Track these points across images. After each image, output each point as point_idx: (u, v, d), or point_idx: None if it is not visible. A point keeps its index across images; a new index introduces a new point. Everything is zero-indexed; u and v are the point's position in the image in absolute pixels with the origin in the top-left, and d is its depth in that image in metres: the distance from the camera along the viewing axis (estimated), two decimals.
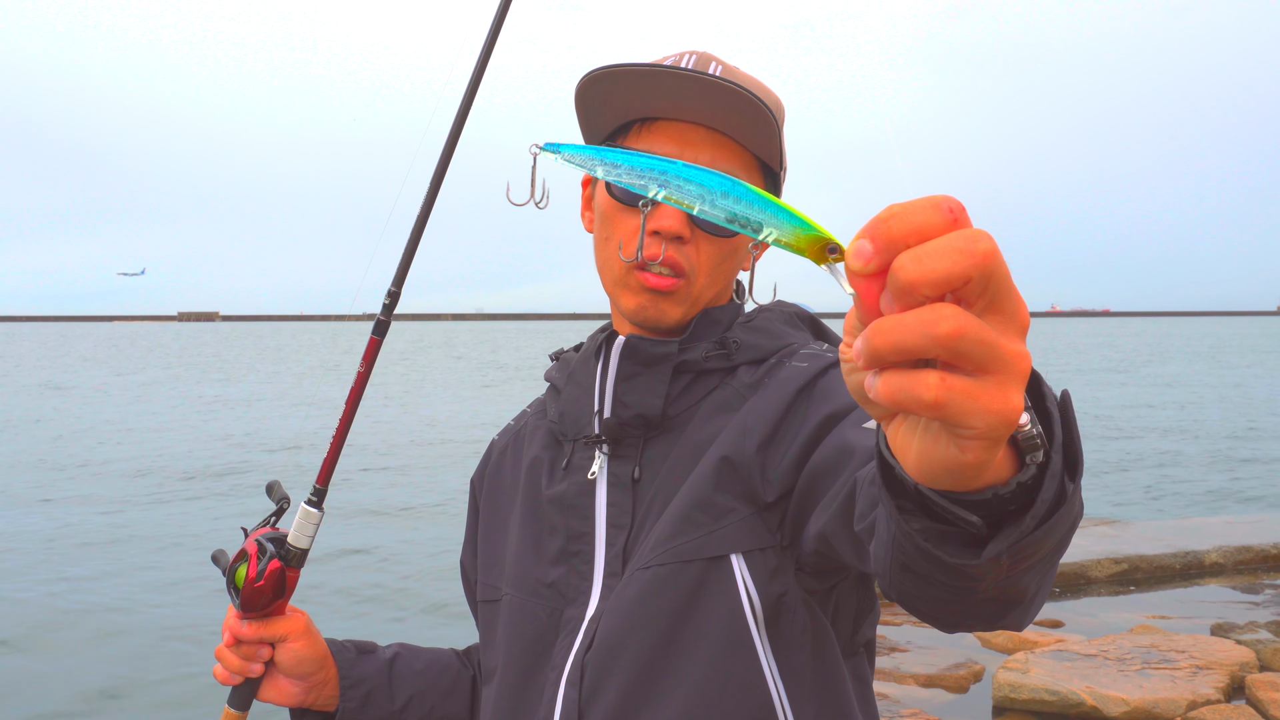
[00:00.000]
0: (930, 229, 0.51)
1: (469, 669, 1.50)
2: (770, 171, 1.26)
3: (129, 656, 6.31)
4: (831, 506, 1.02)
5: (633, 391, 1.22)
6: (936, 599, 0.75)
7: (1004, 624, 0.79)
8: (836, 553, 1.05)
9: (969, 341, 0.50)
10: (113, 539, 9.39)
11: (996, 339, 0.51)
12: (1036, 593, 0.76)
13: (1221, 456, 15.17)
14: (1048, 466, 0.62)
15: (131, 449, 15.64)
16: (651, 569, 1.15)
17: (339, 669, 1.38)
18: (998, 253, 0.50)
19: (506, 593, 1.29)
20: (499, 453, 1.43)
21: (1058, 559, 0.73)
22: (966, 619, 0.78)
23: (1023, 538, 0.63)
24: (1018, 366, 0.52)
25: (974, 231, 0.51)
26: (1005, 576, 0.67)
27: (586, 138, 1.31)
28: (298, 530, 1.33)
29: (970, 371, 0.51)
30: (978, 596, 0.72)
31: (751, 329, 1.27)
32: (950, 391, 0.50)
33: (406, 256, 1.38)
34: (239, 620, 1.32)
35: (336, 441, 1.37)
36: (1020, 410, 0.52)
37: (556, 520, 1.26)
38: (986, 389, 0.51)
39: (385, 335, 1.37)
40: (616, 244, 1.23)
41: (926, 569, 0.70)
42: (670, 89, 1.18)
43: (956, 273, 0.50)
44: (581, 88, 1.23)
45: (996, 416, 0.51)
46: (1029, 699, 4.51)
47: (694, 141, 1.20)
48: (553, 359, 1.40)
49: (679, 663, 1.13)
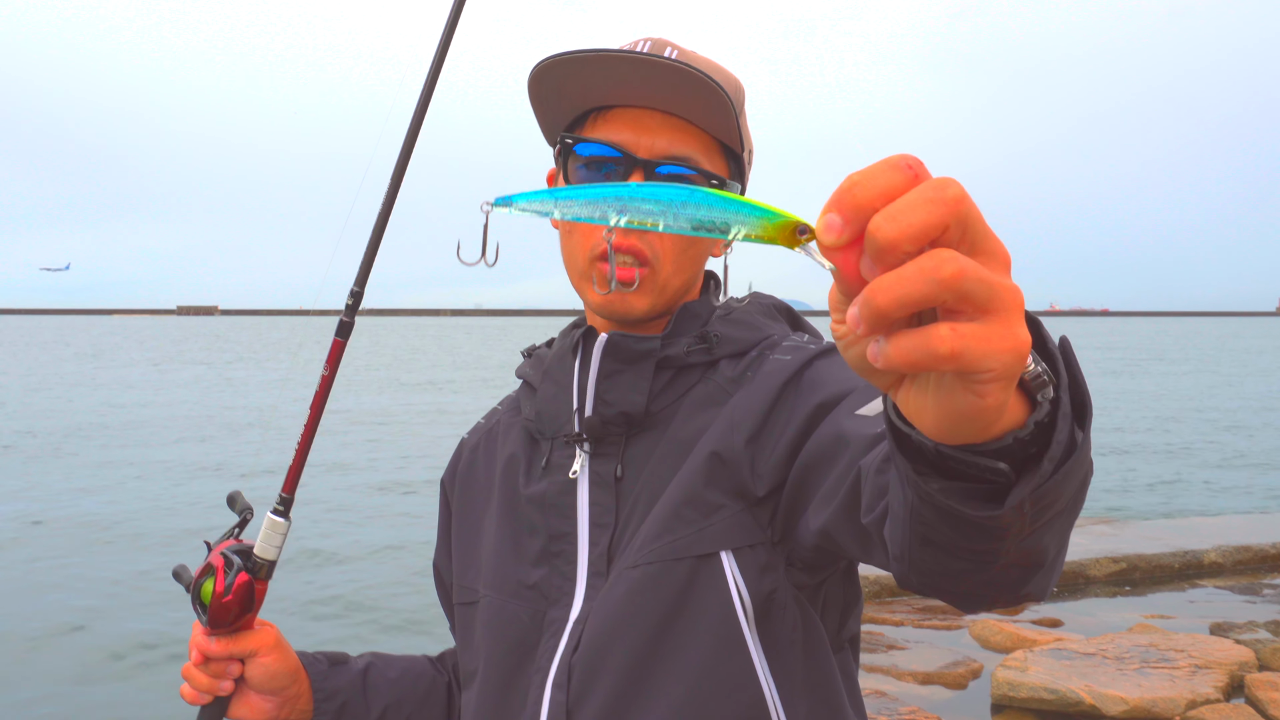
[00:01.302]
0: (894, 189, 0.51)
1: (443, 675, 1.48)
2: (732, 153, 1.24)
3: (82, 669, 6.05)
4: (834, 501, 1.01)
5: (615, 389, 1.20)
6: (959, 572, 0.75)
7: (1027, 592, 0.79)
8: (840, 547, 1.04)
9: (971, 281, 0.50)
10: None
11: (994, 276, 0.51)
12: (1056, 555, 0.76)
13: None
14: (1059, 406, 0.62)
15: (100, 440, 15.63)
16: (640, 568, 1.14)
17: (311, 681, 1.35)
18: (968, 196, 0.51)
19: (484, 594, 1.27)
20: (469, 451, 1.40)
21: (1073, 517, 0.74)
22: (990, 590, 0.78)
23: (1043, 482, 0.63)
24: (1016, 300, 0.52)
25: (940, 180, 0.51)
26: (1026, 532, 0.68)
27: (544, 130, 1.28)
28: (264, 541, 1.30)
29: (973, 314, 0.51)
30: (999, 563, 0.72)
31: (731, 322, 1.25)
32: (963, 338, 0.50)
33: (369, 254, 1.35)
34: (206, 637, 1.28)
35: (302, 448, 1.33)
36: (1029, 342, 0.53)
37: (536, 520, 1.23)
38: (995, 328, 0.51)
39: (349, 337, 1.34)
40: (579, 236, 1.21)
41: (948, 536, 0.71)
42: (624, 75, 1.16)
43: (933, 222, 0.50)
44: (534, 78, 1.19)
45: (1011, 354, 0.52)
46: (1027, 697, 4.50)
47: (650, 127, 1.18)
48: (525, 355, 1.38)
49: (669, 662, 1.12)
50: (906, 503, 0.73)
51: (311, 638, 6.50)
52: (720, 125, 1.19)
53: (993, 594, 0.79)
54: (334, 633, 6.79)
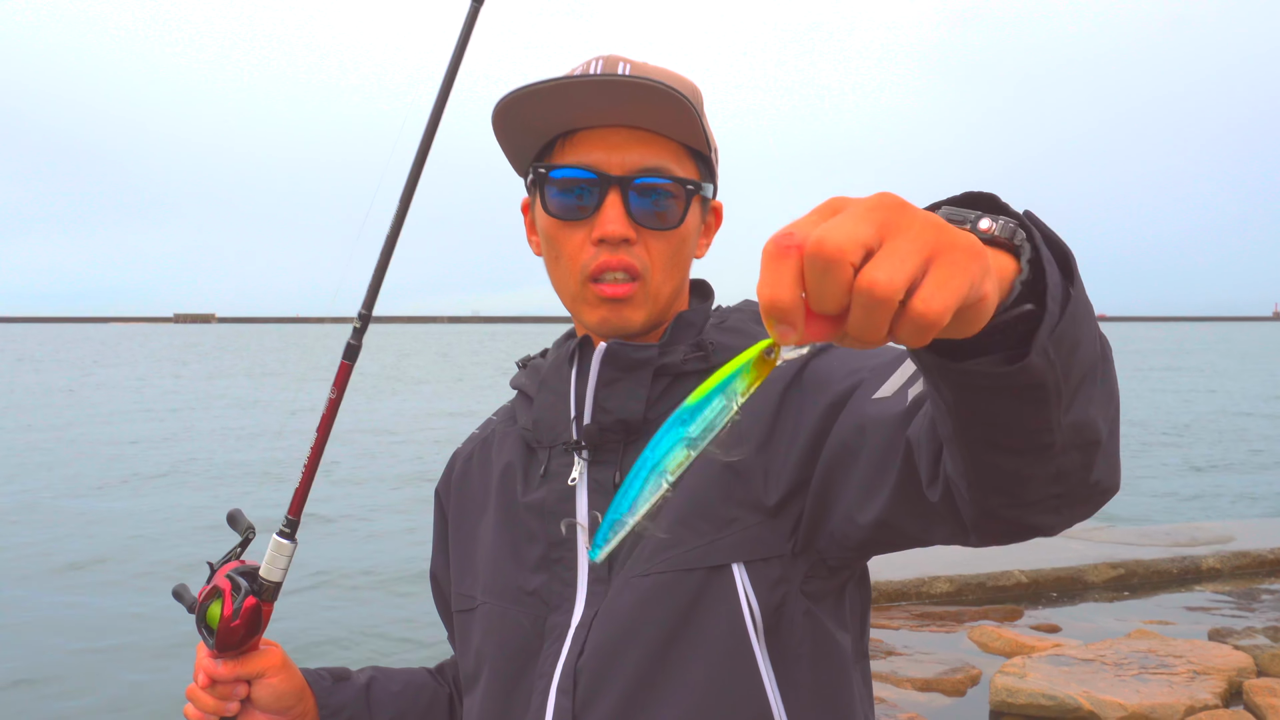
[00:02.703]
0: (793, 278, 0.60)
1: (445, 686, 1.49)
2: (700, 155, 1.25)
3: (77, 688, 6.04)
4: (885, 486, 1.01)
5: (614, 397, 1.21)
6: (1027, 474, 0.81)
7: (1096, 480, 0.84)
8: (897, 533, 1.04)
9: (892, 281, 0.59)
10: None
11: (904, 257, 0.60)
12: (1109, 434, 0.83)
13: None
14: (1041, 256, 0.71)
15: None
16: (651, 576, 1.14)
17: (317, 698, 1.36)
18: (823, 241, 0.58)
19: (482, 601, 1.27)
20: (464, 461, 1.41)
21: (1109, 390, 0.82)
22: (1062, 485, 0.83)
23: (1055, 323, 0.71)
24: (929, 245, 0.61)
25: (810, 247, 0.59)
26: (1066, 395, 0.75)
27: (513, 162, 1.29)
28: (269, 563, 1.30)
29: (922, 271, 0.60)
30: (1056, 443, 0.79)
31: (725, 330, 1.26)
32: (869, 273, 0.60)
33: (376, 278, 1.36)
34: (213, 659, 1.29)
35: (309, 470, 1.33)
36: (965, 241, 0.62)
37: (535, 527, 1.24)
38: (939, 270, 0.60)
39: (356, 360, 1.35)
40: (566, 261, 1.22)
41: (1001, 423, 0.78)
42: (584, 98, 1.17)
43: (832, 290, 0.59)
44: (497, 116, 1.21)
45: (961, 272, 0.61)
46: (1026, 703, 4.50)
47: (618, 144, 1.19)
48: (520, 366, 1.38)
49: (677, 671, 1.12)
50: (957, 418, 0.80)
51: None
52: (686, 131, 1.20)
53: (1065, 489, 0.84)
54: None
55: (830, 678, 1.16)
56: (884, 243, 0.60)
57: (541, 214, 1.24)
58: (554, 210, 1.21)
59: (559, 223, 1.21)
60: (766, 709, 1.12)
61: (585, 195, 1.19)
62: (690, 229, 1.24)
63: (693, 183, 1.22)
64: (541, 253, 1.28)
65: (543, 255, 1.28)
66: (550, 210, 1.22)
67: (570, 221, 1.21)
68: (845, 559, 1.15)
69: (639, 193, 1.19)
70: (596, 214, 1.18)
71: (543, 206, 1.23)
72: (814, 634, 1.15)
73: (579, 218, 1.20)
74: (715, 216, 1.32)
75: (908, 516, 1.01)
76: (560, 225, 1.21)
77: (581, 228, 1.20)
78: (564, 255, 1.22)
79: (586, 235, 1.20)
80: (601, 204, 1.18)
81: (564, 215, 1.21)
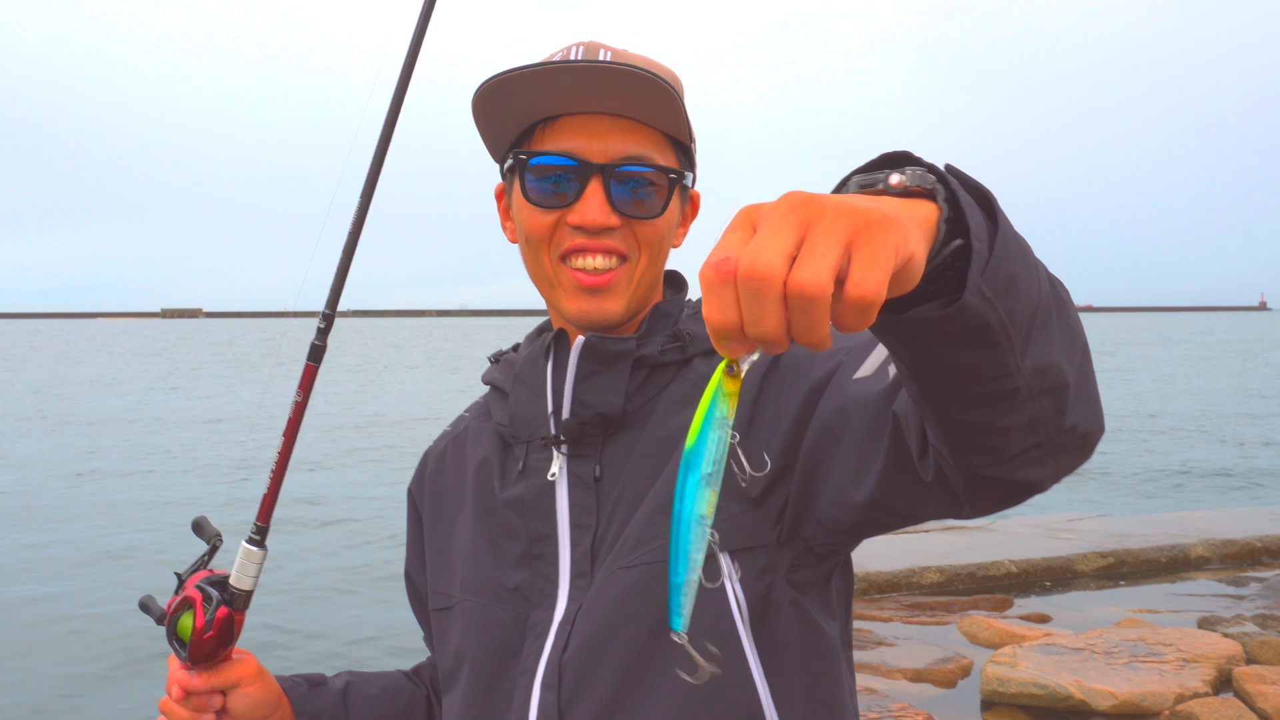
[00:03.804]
0: (735, 302, 0.63)
1: (422, 688, 1.47)
2: (681, 145, 1.24)
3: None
4: (875, 464, 1.01)
5: (593, 390, 1.20)
6: (1000, 426, 0.82)
7: (1073, 424, 0.84)
8: (890, 511, 1.04)
9: (818, 279, 0.62)
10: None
11: (824, 251, 0.63)
12: (1079, 378, 0.84)
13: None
14: (959, 200, 0.73)
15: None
16: (636, 568, 1.13)
17: (293, 705, 1.34)
18: (752, 264, 0.62)
19: (461, 599, 1.26)
20: (437, 458, 1.39)
21: (1067, 331, 0.82)
22: (1038, 434, 0.83)
23: (984, 262, 0.73)
24: (845, 230, 0.63)
25: (741, 271, 0.62)
26: (1018, 338, 0.76)
27: (491, 149, 1.28)
28: (240, 571, 1.29)
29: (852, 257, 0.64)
30: (1021, 390, 0.80)
31: (701, 320, 1.24)
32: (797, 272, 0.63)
33: (339, 278, 1.33)
34: (187, 672, 1.27)
35: (277, 475, 1.31)
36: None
37: (515, 523, 1.23)
38: (862, 250, 0.63)
39: (321, 361, 1.33)
40: (540, 244, 1.20)
41: (959, 373, 0.79)
42: (566, 84, 1.16)
43: (771, 301, 0.63)
44: (477, 101, 1.19)
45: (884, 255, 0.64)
46: (1017, 693, 4.51)
47: (599, 132, 1.18)
48: (492, 361, 1.37)
49: (665, 663, 1.10)
50: (919, 376, 0.81)
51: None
52: (668, 119, 1.19)
53: (1043, 439, 0.84)
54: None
55: (818, 667, 1.15)
56: (803, 242, 0.63)
57: (519, 200, 1.22)
58: (533, 197, 1.20)
59: (537, 209, 1.20)
60: (755, 700, 1.11)
61: (566, 182, 1.18)
62: (672, 217, 1.23)
63: (675, 171, 1.21)
64: (517, 239, 1.26)
65: (518, 242, 1.26)
66: (530, 197, 1.20)
67: (549, 209, 1.19)
68: (834, 544, 1.14)
69: (621, 180, 1.17)
70: (577, 201, 1.17)
71: (521, 192, 1.21)
72: (801, 623, 1.14)
73: (559, 205, 1.18)
74: (692, 206, 1.31)
75: (899, 493, 1.00)
76: (538, 211, 1.19)
77: (559, 215, 1.19)
78: (539, 240, 1.20)
79: (562, 219, 1.18)
80: (583, 191, 1.17)
81: (543, 202, 1.19)
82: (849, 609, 1.24)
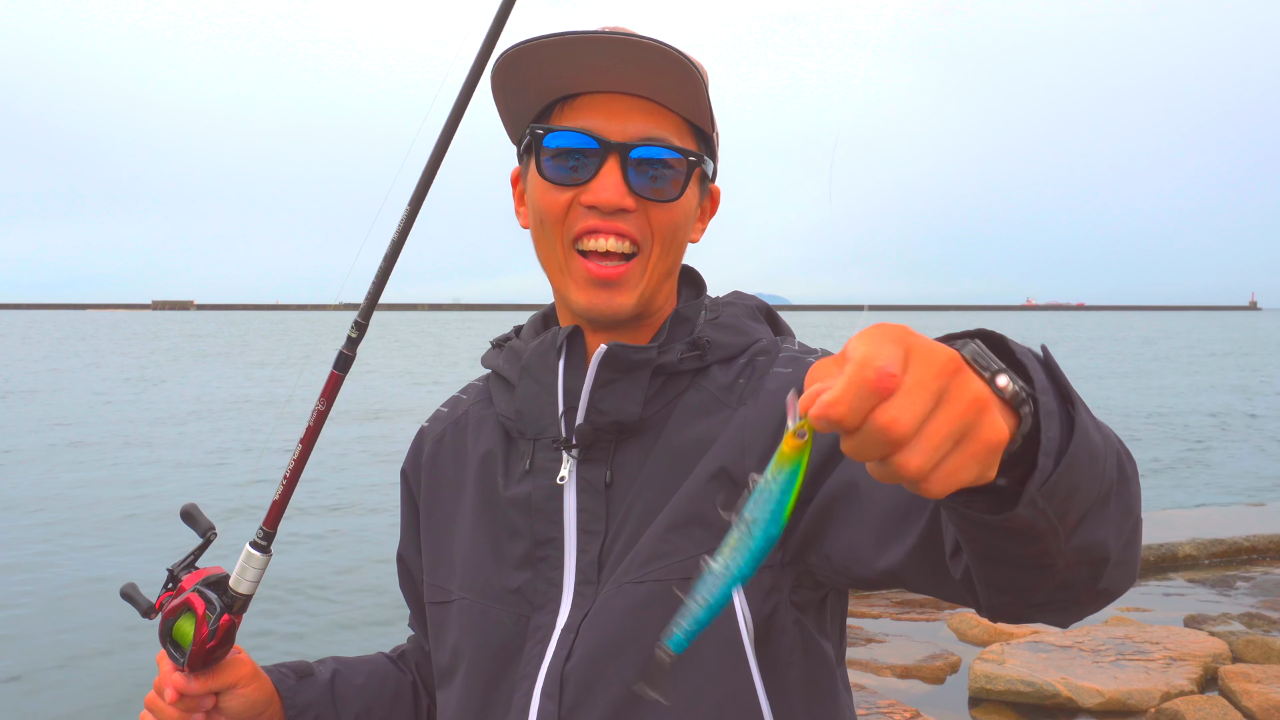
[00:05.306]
0: (868, 411, 0.65)
1: (407, 674, 1.46)
2: (702, 134, 1.21)
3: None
4: (905, 541, 0.99)
5: (610, 398, 1.17)
6: (1029, 583, 0.83)
7: (1104, 588, 0.85)
8: (907, 583, 1.03)
9: (921, 468, 0.66)
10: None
11: (938, 445, 0.66)
12: (1124, 549, 0.84)
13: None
14: (1040, 410, 0.72)
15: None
16: (645, 584, 1.11)
17: (283, 699, 1.33)
18: (896, 422, 0.64)
19: (459, 596, 1.24)
20: (433, 442, 1.36)
21: (1123, 508, 0.81)
22: (1067, 593, 0.84)
23: (1045, 478, 0.72)
24: (963, 427, 0.66)
25: (889, 423, 0.64)
26: (1067, 527, 0.76)
27: (509, 127, 1.24)
28: (240, 575, 1.25)
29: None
30: (1059, 562, 0.79)
31: (720, 326, 1.22)
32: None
33: (376, 287, 1.29)
34: (183, 675, 1.24)
35: (289, 482, 1.26)
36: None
37: (519, 523, 1.20)
38: (956, 458, 0.66)
39: (348, 371, 1.28)
40: (553, 226, 1.17)
41: (998, 547, 0.79)
42: (590, 59, 1.12)
43: (881, 449, 0.66)
44: (497, 73, 1.15)
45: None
46: (1005, 690, 4.53)
47: (618, 112, 1.15)
48: (494, 345, 1.32)
49: (671, 681, 1.10)
50: (960, 534, 0.82)
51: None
52: (690, 104, 1.16)
53: (1071, 596, 0.85)
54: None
55: (818, 685, 1.15)
56: (931, 418, 0.65)
57: (534, 179, 1.18)
58: (548, 175, 1.16)
59: (552, 187, 1.16)
60: (759, 718, 1.10)
61: (582, 161, 1.15)
62: (689, 205, 1.20)
63: (695, 154, 1.17)
64: (529, 224, 1.23)
65: (530, 227, 1.22)
66: (545, 174, 1.16)
67: (564, 187, 1.15)
68: (837, 583, 1.13)
69: (639, 162, 1.14)
70: (593, 180, 1.14)
71: (537, 170, 1.17)
72: (803, 642, 1.14)
73: (574, 184, 1.15)
74: (712, 201, 1.28)
75: (922, 575, 0.99)
76: (553, 189, 1.16)
77: (574, 193, 1.15)
78: (552, 220, 1.17)
79: (577, 199, 1.15)
80: (598, 171, 1.14)
81: (558, 180, 1.15)
82: (844, 629, 1.23)
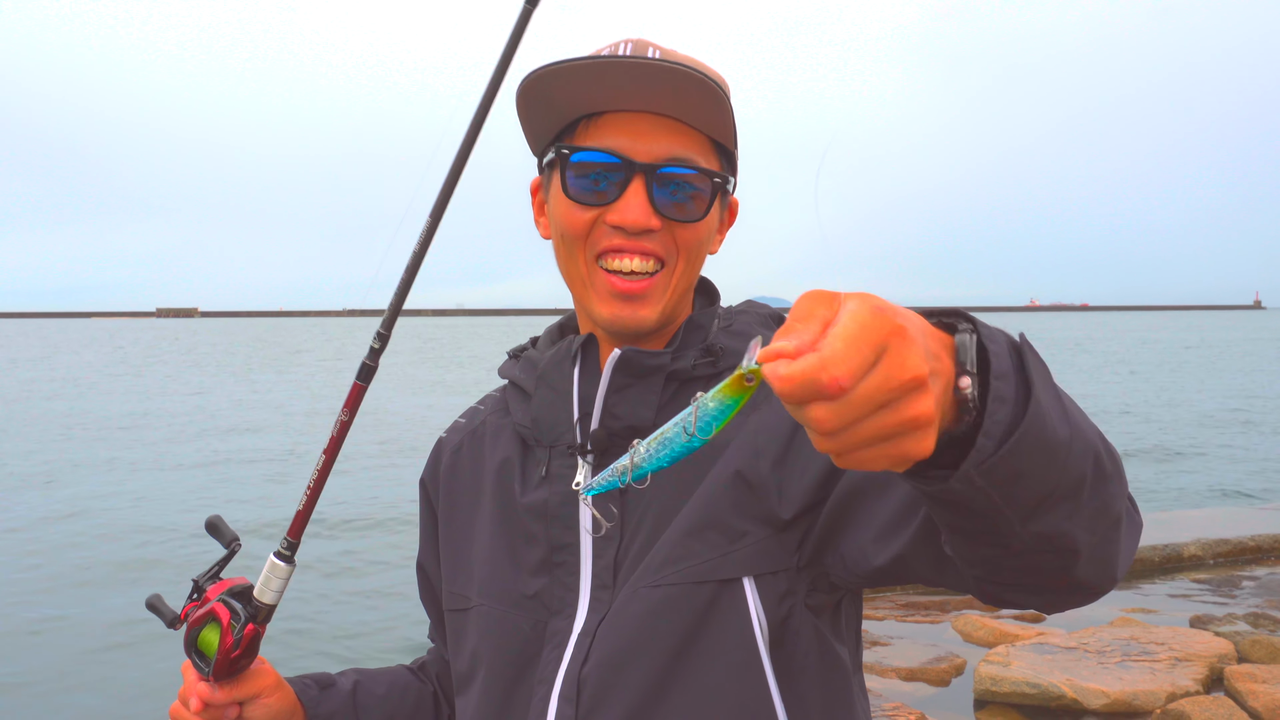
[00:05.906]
0: (870, 366, 0.66)
1: (428, 684, 1.47)
2: (724, 150, 1.22)
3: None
4: (906, 529, 1.01)
5: (625, 403, 1.19)
6: (994, 560, 0.85)
7: (1078, 579, 0.87)
8: (910, 571, 1.05)
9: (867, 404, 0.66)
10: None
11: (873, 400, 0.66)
12: (1099, 544, 0.86)
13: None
14: (989, 393, 0.74)
15: None
16: (662, 588, 1.12)
17: (305, 709, 1.35)
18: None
19: (478, 603, 1.25)
20: (451, 452, 1.37)
21: (1097, 506, 0.83)
22: (1036, 578, 0.87)
23: (984, 458, 0.74)
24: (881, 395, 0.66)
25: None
26: (1011, 511, 0.78)
27: (531, 141, 1.25)
28: (265, 585, 1.27)
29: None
30: (1015, 546, 0.82)
31: (733, 334, 1.24)
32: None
33: (398, 298, 1.30)
34: (208, 685, 1.26)
35: (313, 493, 1.28)
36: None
37: (536, 529, 1.22)
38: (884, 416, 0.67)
39: (370, 381, 1.29)
40: (576, 242, 1.19)
41: (953, 518, 0.82)
42: (613, 80, 1.13)
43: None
44: (522, 91, 1.16)
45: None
46: (1010, 692, 4.53)
47: (643, 131, 1.16)
48: (511, 356, 1.34)
49: (686, 685, 1.11)
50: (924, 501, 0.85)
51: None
52: (714, 122, 1.17)
53: (1040, 582, 0.87)
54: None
55: (833, 691, 1.16)
56: (859, 424, 0.67)
57: (558, 196, 1.19)
58: (573, 193, 1.17)
59: (576, 205, 1.17)
60: None
61: (607, 181, 1.16)
62: (712, 224, 1.21)
63: (719, 175, 1.18)
64: (550, 235, 1.24)
65: (551, 238, 1.23)
66: (569, 193, 1.17)
67: (588, 206, 1.17)
68: (850, 582, 1.14)
69: (663, 182, 1.15)
70: (618, 200, 1.15)
71: (561, 188, 1.18)
72: (819, 647, 1.15)
73: (599, 203, 1.16)
74: (730, 213, 1.29)
75: (924, 561, 1.01)
76: (577, 208, 1.17)
77: (599, 213, 1.16)
78: (575, 237, 1.18)
79: (601, 218, 1.16)
80: (624, 191, 1.15)
81: (583, 199, 1.16)
82: (859, 634, 1.24)
